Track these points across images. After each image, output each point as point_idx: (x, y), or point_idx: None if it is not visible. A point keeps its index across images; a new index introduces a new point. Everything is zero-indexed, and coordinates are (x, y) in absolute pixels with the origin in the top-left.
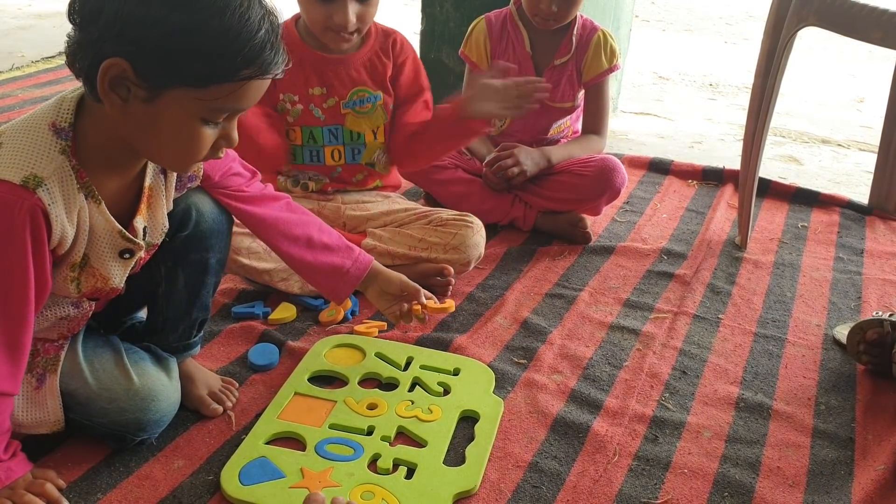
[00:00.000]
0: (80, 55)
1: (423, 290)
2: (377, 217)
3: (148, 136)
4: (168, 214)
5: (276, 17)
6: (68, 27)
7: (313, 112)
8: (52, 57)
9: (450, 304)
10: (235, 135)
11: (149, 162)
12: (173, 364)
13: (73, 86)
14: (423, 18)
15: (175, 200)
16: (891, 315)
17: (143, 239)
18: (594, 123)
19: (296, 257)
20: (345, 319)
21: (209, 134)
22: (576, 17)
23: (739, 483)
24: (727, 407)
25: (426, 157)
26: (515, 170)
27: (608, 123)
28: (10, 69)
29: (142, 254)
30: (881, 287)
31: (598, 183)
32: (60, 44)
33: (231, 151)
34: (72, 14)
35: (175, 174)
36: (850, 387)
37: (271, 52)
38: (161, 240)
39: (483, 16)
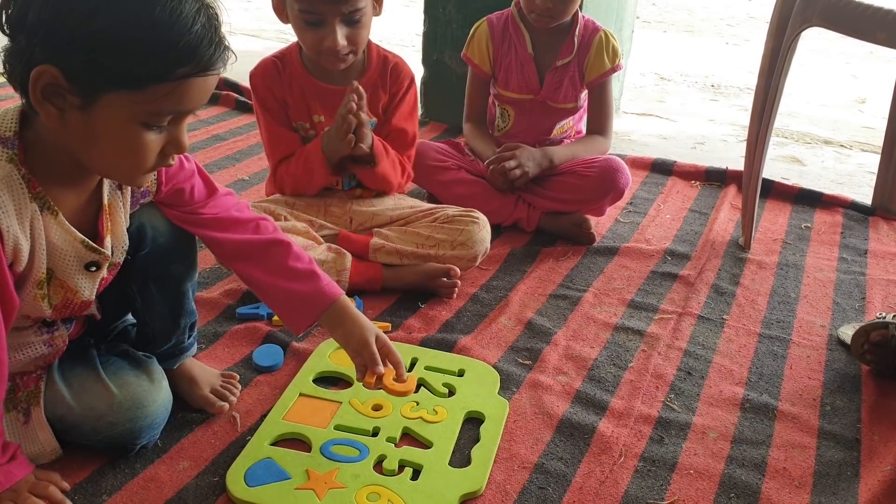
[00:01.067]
0: (14, 64)
1: (380, 363)
2: (383, 213)
3: (90, 148)
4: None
5: (214, 9)
6: None
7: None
8: None
9: (410, 385)
10: (184, 139)
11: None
12: (153, 364)
13: None
14: (425, 20)
15: (130, 215)
16: (895, 316)
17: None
18: (598, 124)
19: (249, 276)
20: None
21: (153, 140)
22: (577, 17)
23: (745, 484)
24: (732, 408)
25: (378, 187)
26: (517, 171)
27: (612, 124)
28: None
29: (104, 273)
30: (885, 287)
31: (601, 183)
32: None
33: (189, 164)
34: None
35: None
36: (855, 387)
37: (209, 47)
38: (123, 258)
39: (485, 18)
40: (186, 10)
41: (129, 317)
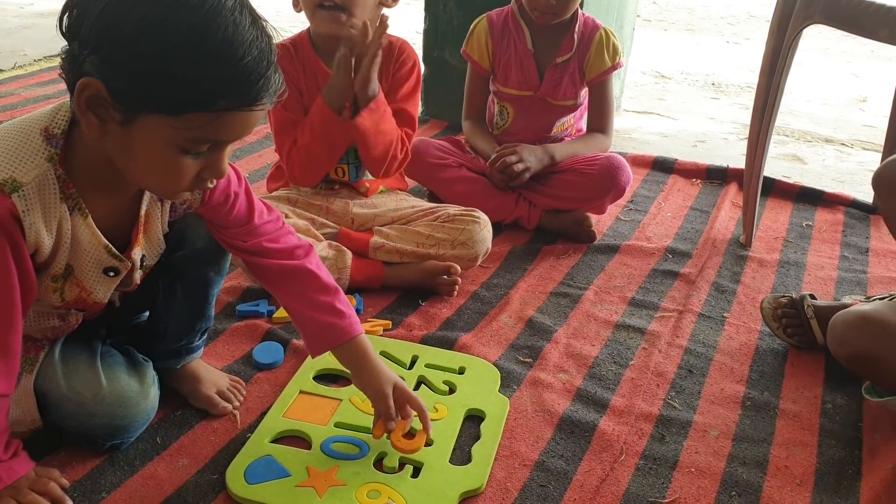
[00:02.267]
0: (67, 69)
1: (393, 418)
2: (384, 214)
3: (127, 161)
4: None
5: (270, 39)
6: None
7: None
8: (54, 56)
9: (419, 443)
10: (223, 166)
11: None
12: (148, 369)
13: None
14: (426, 17)
15: (169, 223)
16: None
17: (141, 266)
18: (599, 122)
19: (276, 295)
20: None
21: (189, 164)
22: (577, 14)
23: (747, 482)
24: (734, 405)
25: (372, 162)
26: (520, 166)
27: (613, 122)
28: (13, 68)
29: (137, 279)
30: (886, 286)
31: (603, 181)
32: (62, 43)
33: (237, 186)
34: (59, 25)
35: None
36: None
37: (257, 82)
38: (157, 260)
39: (484, 14)
40: (240, 39)
41: (145, 315)
